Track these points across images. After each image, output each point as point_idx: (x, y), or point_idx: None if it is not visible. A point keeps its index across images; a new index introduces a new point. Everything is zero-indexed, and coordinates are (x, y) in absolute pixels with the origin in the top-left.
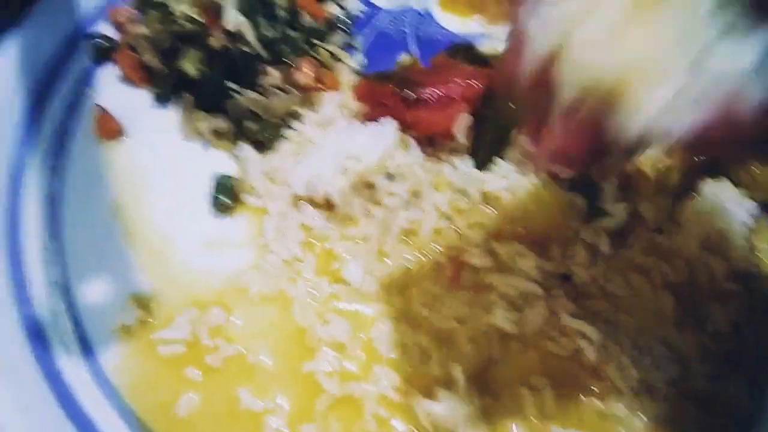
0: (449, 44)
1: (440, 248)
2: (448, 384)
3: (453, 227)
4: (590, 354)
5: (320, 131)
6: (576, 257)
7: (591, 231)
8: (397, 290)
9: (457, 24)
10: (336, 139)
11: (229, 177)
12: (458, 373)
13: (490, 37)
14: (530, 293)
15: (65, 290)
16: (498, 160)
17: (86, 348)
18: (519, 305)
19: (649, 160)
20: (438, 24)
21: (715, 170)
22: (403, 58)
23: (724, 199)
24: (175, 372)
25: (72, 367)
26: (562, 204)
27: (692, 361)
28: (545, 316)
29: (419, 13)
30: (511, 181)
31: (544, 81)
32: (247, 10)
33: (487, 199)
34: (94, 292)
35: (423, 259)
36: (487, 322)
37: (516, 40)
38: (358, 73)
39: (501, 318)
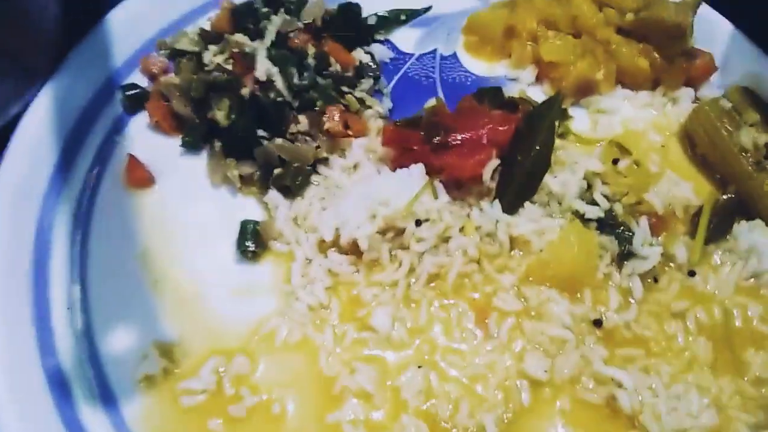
0: (476, 88)
1: (468, 293)
2: None
3: (481, 272)
4: (624, 401)
5: (348, 177)
6: (608, 302)
7: (623, 275)
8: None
9: (483, 68)
10: (364, 184)
11: (256, 222)
12: (489, 422)
13: (515, 80)
14: (562, 339)
15: (89, 339)
16: (526, 204)
17: (108, 398)
18: (551, 352)
19: (681, 202)
20: (464, 68)
21: (747, 211)
22: (430, 102)
23: (758, 241)
24: (199, 423)
25: (93, 417)
26: (593, 247)
27: (731, 410)
28: (577, 363)
29: (446, 58)
30: (539, 224)
31: None
32: (278, 60)
33: (516, 243)
34: (118, 340)
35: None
36: (517, 369)
37: None
38: (386, 118)
39: (532, 366)
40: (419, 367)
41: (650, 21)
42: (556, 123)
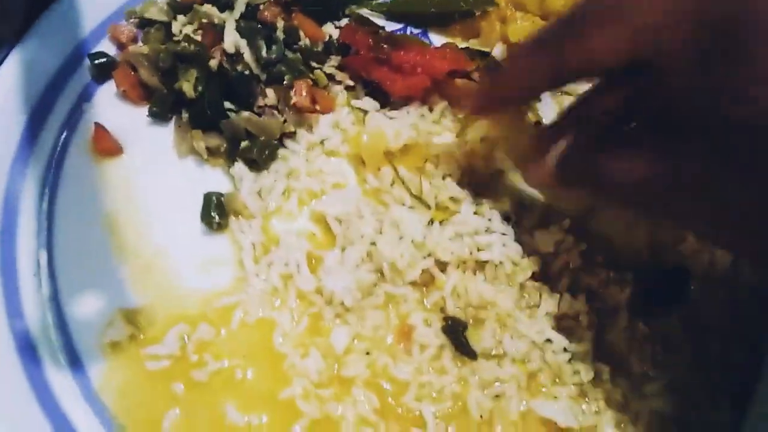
0: None
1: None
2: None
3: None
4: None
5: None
6: None
7: None
8: None
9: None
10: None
11: (220, 194)
12: (428, 413)
13: None
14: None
15: (56, 304)
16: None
17: (75, 361)
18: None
19: None
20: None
21: None
22: None
23: None
24: (163, 386)
25: (60, 381)
26: None
27: None
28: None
29: (415, 34)
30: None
31: None
32: (246, 33)
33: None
34: (84, 306)
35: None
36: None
37: None
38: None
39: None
40: (367, 353)
41: None
42: None
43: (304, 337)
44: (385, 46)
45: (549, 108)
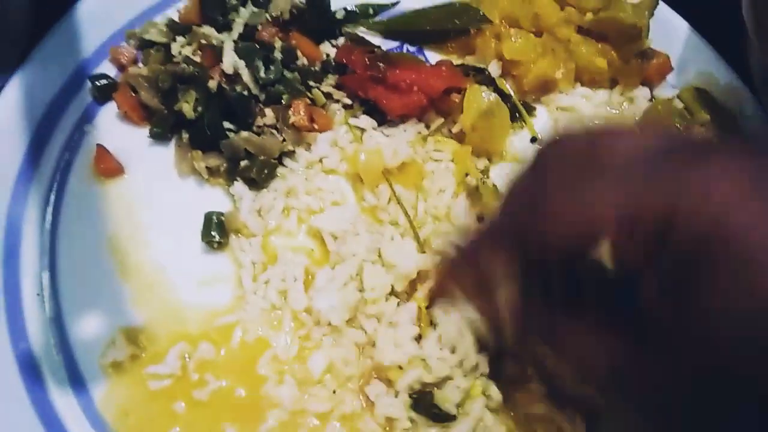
0: None
1: None
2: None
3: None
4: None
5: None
6: None
7: None
8: None
9: None
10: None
11: (220, 213)
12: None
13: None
14: None
15: (59, 324)
16: None
17: (78, 381)
18: None
19: None
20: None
21: None
22: None
23: None
24: (164, 405)
25: (63, 401)
26: None
27: None
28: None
29: (411, 52)
30: None
31: None
32: (244, 53)
33: None
34: (87, 326)
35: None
36: None
37: None
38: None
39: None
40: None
41: (608, 21)
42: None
43: (292, 360)
44: (381, 64)
45: (545, 122)
